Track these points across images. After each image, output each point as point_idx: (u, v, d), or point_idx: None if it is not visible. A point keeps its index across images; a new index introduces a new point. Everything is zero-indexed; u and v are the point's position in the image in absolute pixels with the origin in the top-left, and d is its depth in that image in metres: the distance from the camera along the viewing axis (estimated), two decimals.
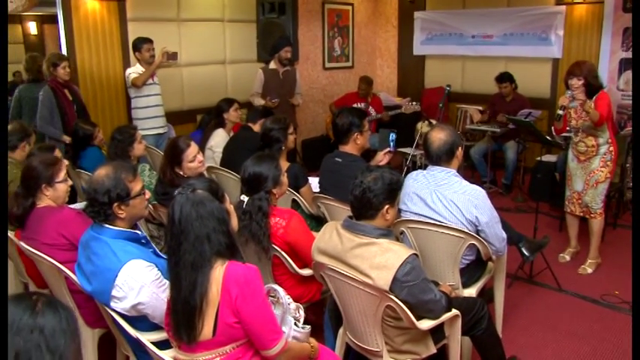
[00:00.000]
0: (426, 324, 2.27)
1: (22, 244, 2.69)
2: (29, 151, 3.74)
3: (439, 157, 2.87)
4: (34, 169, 2.76)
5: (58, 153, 3.61)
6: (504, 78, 6.21)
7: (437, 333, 2.39)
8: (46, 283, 2.77)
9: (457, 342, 2.46)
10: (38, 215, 2.73)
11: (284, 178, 2.82)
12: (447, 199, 2.79)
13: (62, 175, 2.82)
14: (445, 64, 7.79)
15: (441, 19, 7.60)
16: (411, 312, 2.18)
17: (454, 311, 2.38)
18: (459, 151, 2.92)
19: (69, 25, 5.22)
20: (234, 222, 2.04)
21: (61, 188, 2.81)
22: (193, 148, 3.31)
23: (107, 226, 2.22)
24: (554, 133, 4.46)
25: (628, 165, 5.17)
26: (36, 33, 11.70)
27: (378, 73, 8.59)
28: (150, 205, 3.35)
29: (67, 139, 4.57)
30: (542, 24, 6.66)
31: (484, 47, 7.23)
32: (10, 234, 2.86)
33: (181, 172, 3.28)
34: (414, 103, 6.33)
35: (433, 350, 2.38)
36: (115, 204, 2.19)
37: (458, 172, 2.92)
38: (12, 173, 3.54)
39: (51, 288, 2.75)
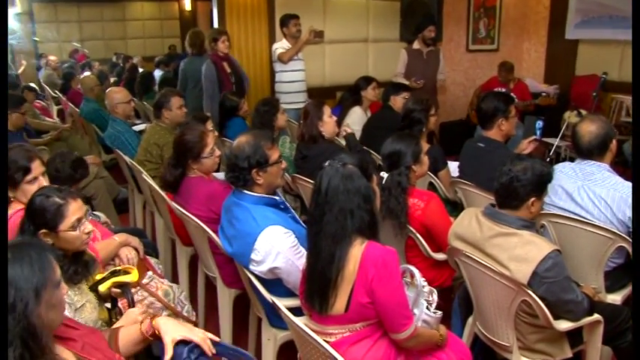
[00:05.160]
0: (564, 325, 2.14)
1: (173, 203, 2.92)
2: (181, 116, 4.00)
3: (590, 152, 2.66)
4: (183, 144, 2.92)
5: (209, 125, 3.78)
6: None
7: (574, 337, 2.25)
8: (191, 241, 3.00)
9: (597, 350, 2.30)
10: (189, 185, 2.93)
11: (424, 157, 2.78)
12: (597, 196, 2.59)
13: (208, 150, 2.93)
14: (601, 49, 7.13)
15: None
16: (549, 310, 2.07)
17: (596, 316, 2.22)
18: (613, 144, 2.68)
19: (221, 2, 5.53)
20: (378, 203, 2.05)
21: (207, 163, 2.96)
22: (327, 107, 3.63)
23: (247, 192, 2.34)
24: None
25: None
26: (190, 9, 12.57)
27: (525, 57, 8.09)
28: (289, 177, 3.49)
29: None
30: None
31: None
32: (163, 194, 3.13)
33: (323, 130, 3.47)
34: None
35: (569, 354, 2.23)
36: (254, 170, 2.30)
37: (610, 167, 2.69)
38: (164, 137, 3.83)
39: (196, 247, 2.98)
